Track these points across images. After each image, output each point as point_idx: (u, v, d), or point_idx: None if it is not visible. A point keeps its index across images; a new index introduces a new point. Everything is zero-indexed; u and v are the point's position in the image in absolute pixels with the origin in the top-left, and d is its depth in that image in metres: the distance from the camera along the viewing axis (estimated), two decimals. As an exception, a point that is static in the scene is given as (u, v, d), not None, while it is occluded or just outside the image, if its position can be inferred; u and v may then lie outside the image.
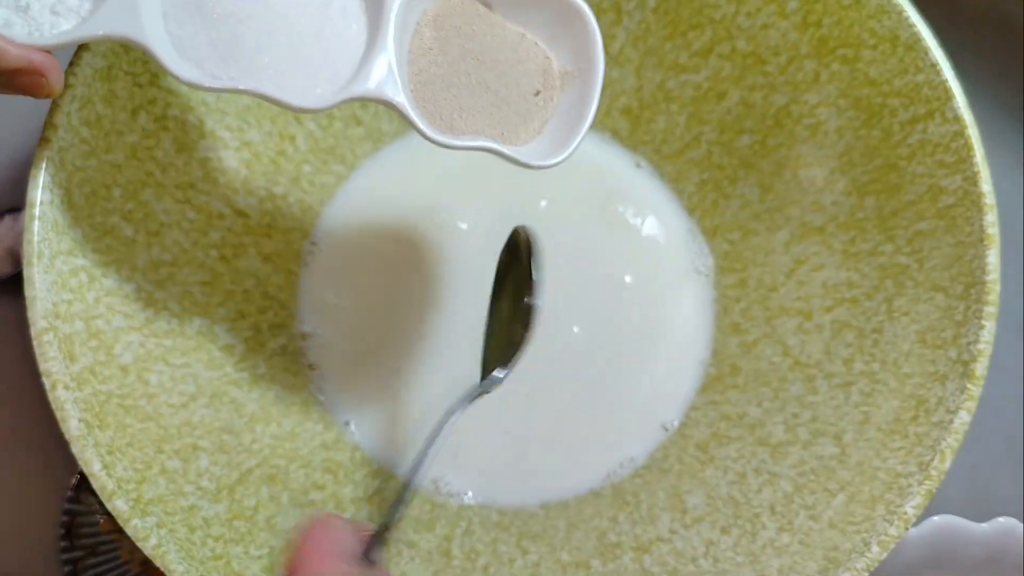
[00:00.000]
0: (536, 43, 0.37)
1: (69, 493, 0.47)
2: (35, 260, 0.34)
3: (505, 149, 0.35)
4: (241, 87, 0.33)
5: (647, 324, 0.50)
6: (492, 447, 0.47)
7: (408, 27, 0.35)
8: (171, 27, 0.33)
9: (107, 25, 0.32)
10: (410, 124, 0.34)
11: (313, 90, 0.33)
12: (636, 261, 0.51)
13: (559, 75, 0.38)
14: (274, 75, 0.33)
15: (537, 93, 0.37)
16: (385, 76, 0.34)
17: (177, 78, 0.32)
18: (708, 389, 0.48)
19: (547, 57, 0.37)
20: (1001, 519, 0.44)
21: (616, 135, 0.52)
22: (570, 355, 0.49)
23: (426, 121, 0.35)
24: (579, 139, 0.36)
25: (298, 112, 0.33)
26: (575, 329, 0.49)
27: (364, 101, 0.34)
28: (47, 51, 0.32)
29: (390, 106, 0.34)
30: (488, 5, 0.37)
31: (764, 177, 0.48)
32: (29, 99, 0.32)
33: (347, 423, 0.47)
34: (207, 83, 0.33)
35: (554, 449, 0.47)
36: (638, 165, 0.52)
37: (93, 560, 0.47)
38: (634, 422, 0.48)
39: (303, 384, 0.47)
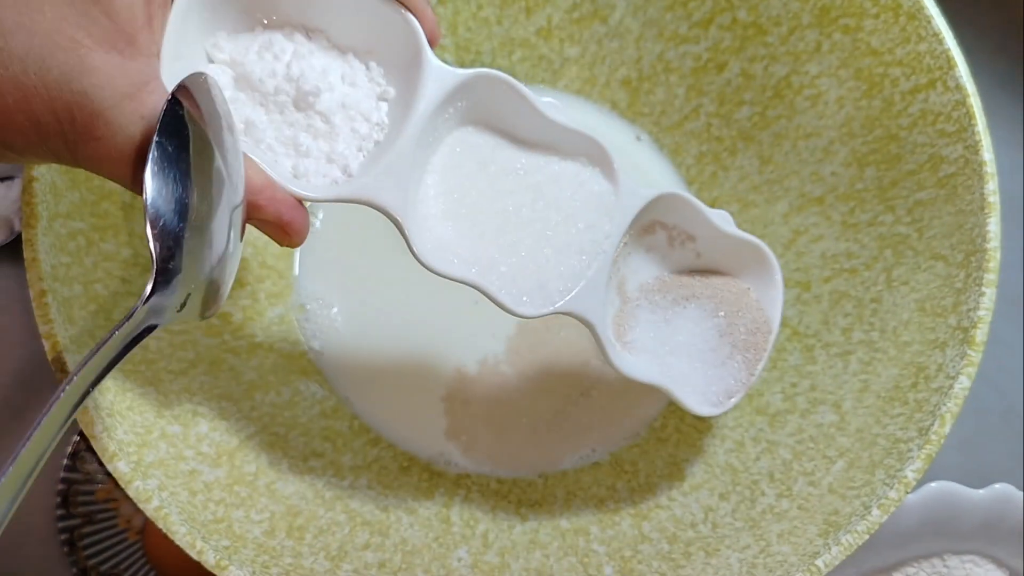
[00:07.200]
0: (755, 301, 0.41)
1: (66, 462, 0.47)
2: (34, 222, 0.34)
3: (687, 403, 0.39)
4: (470, 280, 0.33)
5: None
6: (492, 423, 0.47)
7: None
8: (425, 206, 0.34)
9: (369, 191, 0.31)
10: (598, 345, 0.36)
11: (530, 296, 0.34)
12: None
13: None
14: (501, 278, 0.34)
15: (746, 348, 0.40)
16: (601, 303, 0.35)
17: (422, 263, 0.33)
18: (706, 360, 0.48)
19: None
20: (998, 485, 0.44)
21: (615, 107, 0.52)
22: (570, 330, 0.49)
23: (616, 350, 0.37)
24: (737, 400, 0.40)
25: (511, 314, 0.34)
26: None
27: (567, 315, 0.35)
28: (300, 202, 0.31)
29: (589, 327, 0.35)
30: (693, 243, 0.40)
31: (763, 149, 0.48)
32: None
33: (346, 392, 0.47)
34: (444, 270, 0.33)
35: (553, 424, 0.47)
36: (638, 138, 0.52)
37: (90, 528, 0.47)
38: (634, 395, 0.48)
39: (302, 353, 0.47)
